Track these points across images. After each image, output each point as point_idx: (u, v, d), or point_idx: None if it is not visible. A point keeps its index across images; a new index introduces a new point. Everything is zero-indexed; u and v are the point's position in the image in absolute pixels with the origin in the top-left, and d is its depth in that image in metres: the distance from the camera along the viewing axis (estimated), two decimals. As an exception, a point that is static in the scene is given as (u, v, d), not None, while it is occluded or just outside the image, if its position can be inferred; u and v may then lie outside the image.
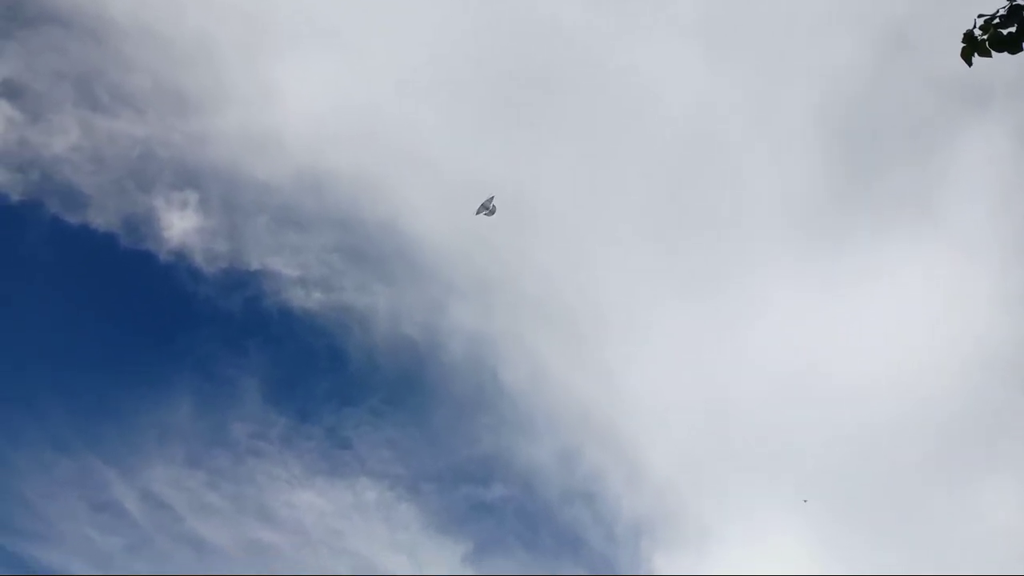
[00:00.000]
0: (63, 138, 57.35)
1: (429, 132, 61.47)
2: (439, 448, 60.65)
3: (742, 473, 60.46)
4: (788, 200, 65.56)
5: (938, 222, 63.98)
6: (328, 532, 57.56)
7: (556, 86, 63.98)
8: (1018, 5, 10.67)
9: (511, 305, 63.46)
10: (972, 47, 10.90)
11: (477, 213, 47.24)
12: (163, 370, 58.70)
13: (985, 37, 10.84)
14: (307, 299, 60.27)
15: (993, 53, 10.86)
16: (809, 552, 57.48)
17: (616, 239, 64.63)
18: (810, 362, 63.25)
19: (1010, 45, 10.83)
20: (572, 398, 62.03)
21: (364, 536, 57.86)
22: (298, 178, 60.15)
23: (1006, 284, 62.33)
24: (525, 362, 62.04)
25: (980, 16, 10.78)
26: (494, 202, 47.21)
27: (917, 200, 64.71)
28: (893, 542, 57.56)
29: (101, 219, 57.35)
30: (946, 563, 56.10)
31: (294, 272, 60.27)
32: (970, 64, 10.97)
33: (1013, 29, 10.76)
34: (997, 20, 10.76)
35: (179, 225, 58.69)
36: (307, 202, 60.60)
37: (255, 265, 59.83)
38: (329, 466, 58.91)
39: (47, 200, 56.61)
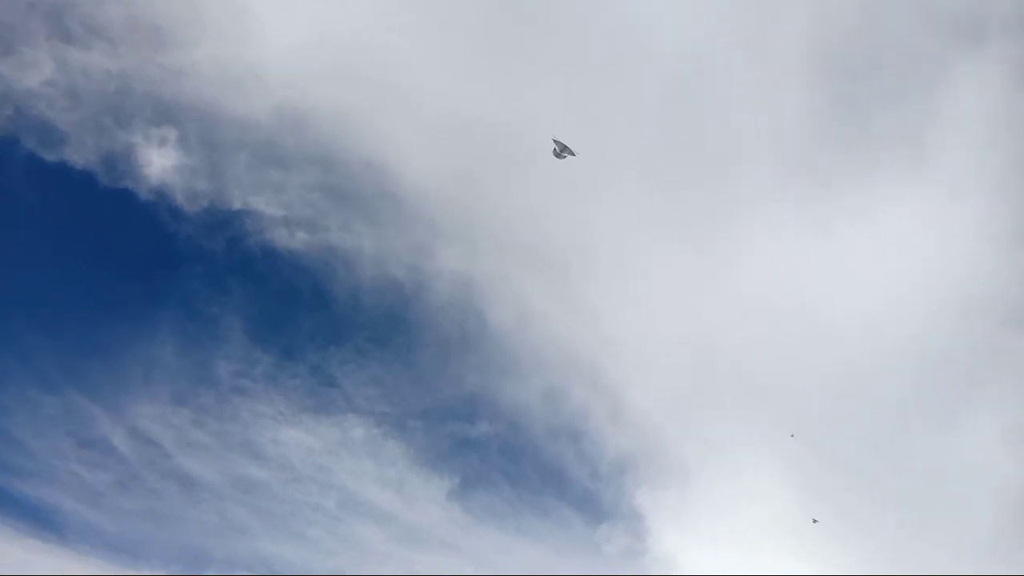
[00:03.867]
0: (37, 72, 55.87)
1: (414, 67, 59.88)
2: (425, 386, 60.96)
3: (724, 411, 61.09)
4: (777, 139, 64.43)
5: (927, 162, 63.16)
6: (316, 468, 58.34)
7: (545, 20, 62.25)
8: None
9: (498, 246, 63.01)
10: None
11: (556, 152, 47.31)
12: (147, 309, 58.10)
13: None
14: (291, 239, 59.79)
15: None
16: (789, 490, 58.59)
17: (605, 178, 63.67)
18: (796, 302, 63.19)
19: None
20: (558, 338, 62.20)
21: (352, 472, 58.68)
22: (278, 114, 58.76)
23: (991, 224, 62.12)
24: (511, 303, 61.96)
25: None
26: (566, 151, 47.22)
27: (907, 139, 63.64)
28: (873, 480, 58.62)
29: (79, 156, 56.19)
30: (924, 501, 57.46)
31: (277, 212, 59.59)
32: None
33: None
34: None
35: (158, 162, 57.66)
36: (288, 139, 59.39)
37: (237, 204, 59.09)
38: (315, 403, 59.33)
39: (23, 137, 55.43)
